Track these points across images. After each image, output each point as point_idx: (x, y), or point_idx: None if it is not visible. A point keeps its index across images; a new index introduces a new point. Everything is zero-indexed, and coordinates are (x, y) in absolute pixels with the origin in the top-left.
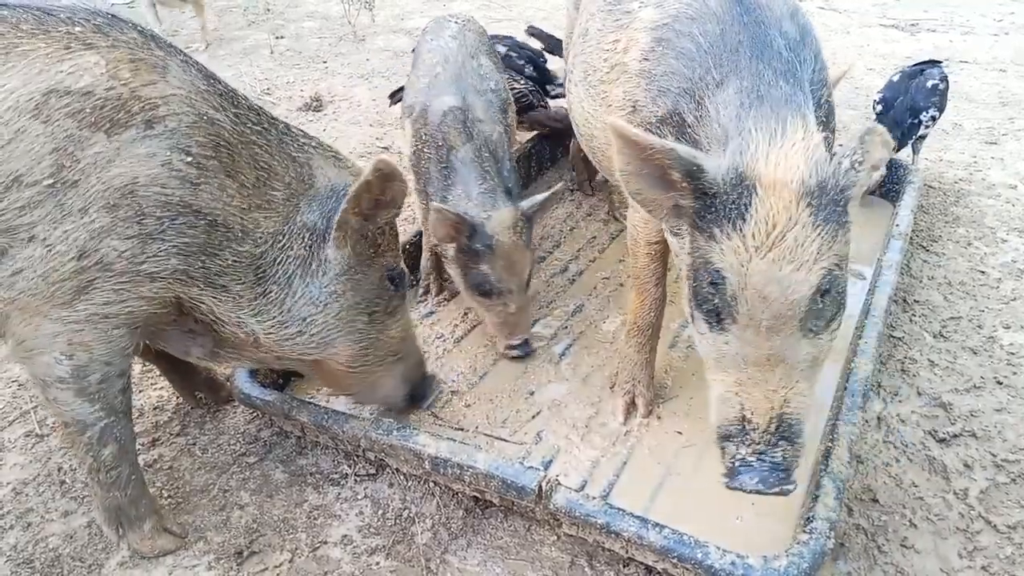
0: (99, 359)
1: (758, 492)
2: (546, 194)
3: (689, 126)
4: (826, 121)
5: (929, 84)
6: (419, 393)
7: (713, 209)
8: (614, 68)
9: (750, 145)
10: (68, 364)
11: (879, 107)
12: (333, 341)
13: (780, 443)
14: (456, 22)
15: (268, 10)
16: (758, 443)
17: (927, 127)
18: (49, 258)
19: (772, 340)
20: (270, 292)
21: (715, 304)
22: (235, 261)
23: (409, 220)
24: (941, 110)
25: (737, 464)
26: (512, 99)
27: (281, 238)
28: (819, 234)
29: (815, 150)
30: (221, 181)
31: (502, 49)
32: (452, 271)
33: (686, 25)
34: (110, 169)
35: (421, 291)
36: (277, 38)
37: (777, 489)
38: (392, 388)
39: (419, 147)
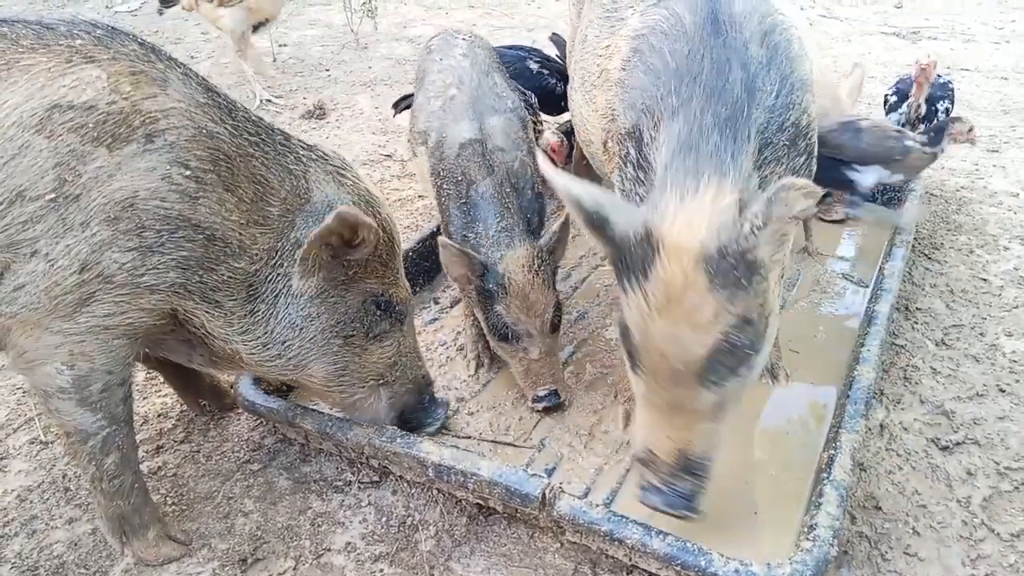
0: (100, 369)
1: (661, 511)
2: (558, 224)
3: (646, 145)
4: (790, 144)
5: (942, 80)
6: (415, 419)
7: (623, 260)
8: (602, 74)
9: (662, 202)
10: (69, 374)
11: (893, 98)
12: (308, 364)
13: (684, 475)
14: (464, 39)
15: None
16: (664, 473)
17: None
18: (51, 272)
19: (673, 390)
20: (257, 311)
21: (627, 349)
22: (230, 277)
23: (412, 228)
24: (952, 104)
25: (647, 485)
26: (528, 115)
27: (275, 255)
28: (715, 298)
29: (721, 213)
30: (220, 195)
31: (534, 66)
32: (478, 315)
33: (659, 40)
34: (111, 183)
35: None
36: (280, 46)
37: (680, 513)
38: (375, 410)
39: (438, 184)
